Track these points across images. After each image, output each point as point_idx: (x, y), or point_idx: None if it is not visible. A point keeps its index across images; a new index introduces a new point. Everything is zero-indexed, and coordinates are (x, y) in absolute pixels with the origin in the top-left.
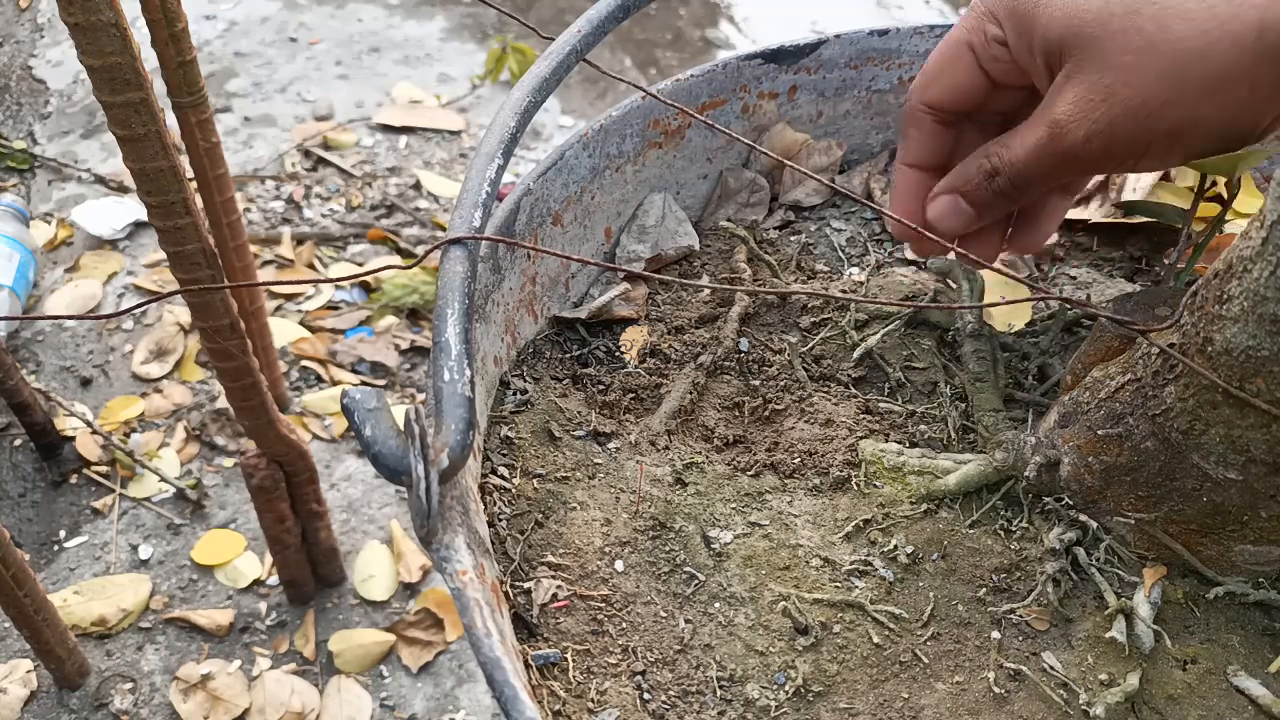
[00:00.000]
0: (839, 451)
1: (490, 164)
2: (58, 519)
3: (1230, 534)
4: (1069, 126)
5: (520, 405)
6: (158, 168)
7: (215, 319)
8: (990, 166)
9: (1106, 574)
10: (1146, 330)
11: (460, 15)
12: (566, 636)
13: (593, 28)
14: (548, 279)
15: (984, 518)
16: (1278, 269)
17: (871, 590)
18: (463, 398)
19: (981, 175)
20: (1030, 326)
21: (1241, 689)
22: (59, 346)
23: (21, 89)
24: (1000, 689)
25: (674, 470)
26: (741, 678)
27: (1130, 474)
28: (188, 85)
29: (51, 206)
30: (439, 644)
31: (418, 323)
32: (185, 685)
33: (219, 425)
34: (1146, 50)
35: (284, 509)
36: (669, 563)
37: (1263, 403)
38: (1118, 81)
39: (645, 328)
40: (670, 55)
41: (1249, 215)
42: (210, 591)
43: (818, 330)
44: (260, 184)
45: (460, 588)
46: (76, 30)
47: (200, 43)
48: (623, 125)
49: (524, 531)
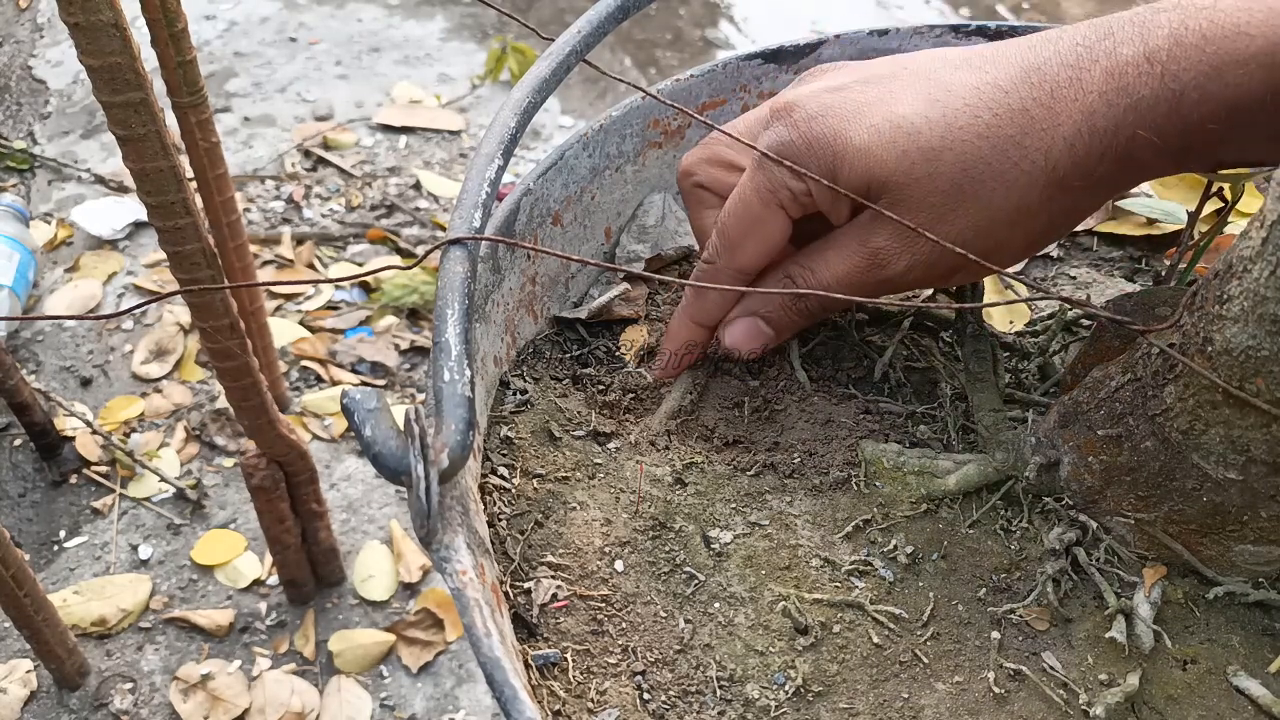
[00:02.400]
0: (839, 451)
1: (490, 164)
2: (58, 519)
3: (1230, 534)
4: (890, 257)
5: (520, 405)
6: (158, 168)
7: (215, 319)
8: (794, 287)
9: (1106, 574)
10: (1146, 330)
11: (460, 15)
12: (566, 636)
13: (593, 28)
14: (548, 279)
15: (984, 518)
16: (1278, 269)
17: (871, 590)
18: (463, 398)
19: (786, 297)
20: (1030, 326)
21: (1241, 689)
22: (59, 346)
23: (21, 89)
24: (1000, 689)
25: (674, 470)
26: (741, 678)
27: (1130, 474)
28: (188, 85)
29: (51, 206)
30: (439, 644)
31: (418, 323)
32: (185, 685)
33: (219, 425)
34: (953, 194)
35: (284, 509)
36: (669, 563)
37: (1263, 403)
38: (931, 220)
39: (645, 328)
40: (670, 55)
41: (1250, 215)
42: (210, 591)
43: (818, 330)
44: (260, 184)
45: (460, 588)
46: (76, 30)
47: (200, 43)
48: (623, 125)
49: (524, 531)
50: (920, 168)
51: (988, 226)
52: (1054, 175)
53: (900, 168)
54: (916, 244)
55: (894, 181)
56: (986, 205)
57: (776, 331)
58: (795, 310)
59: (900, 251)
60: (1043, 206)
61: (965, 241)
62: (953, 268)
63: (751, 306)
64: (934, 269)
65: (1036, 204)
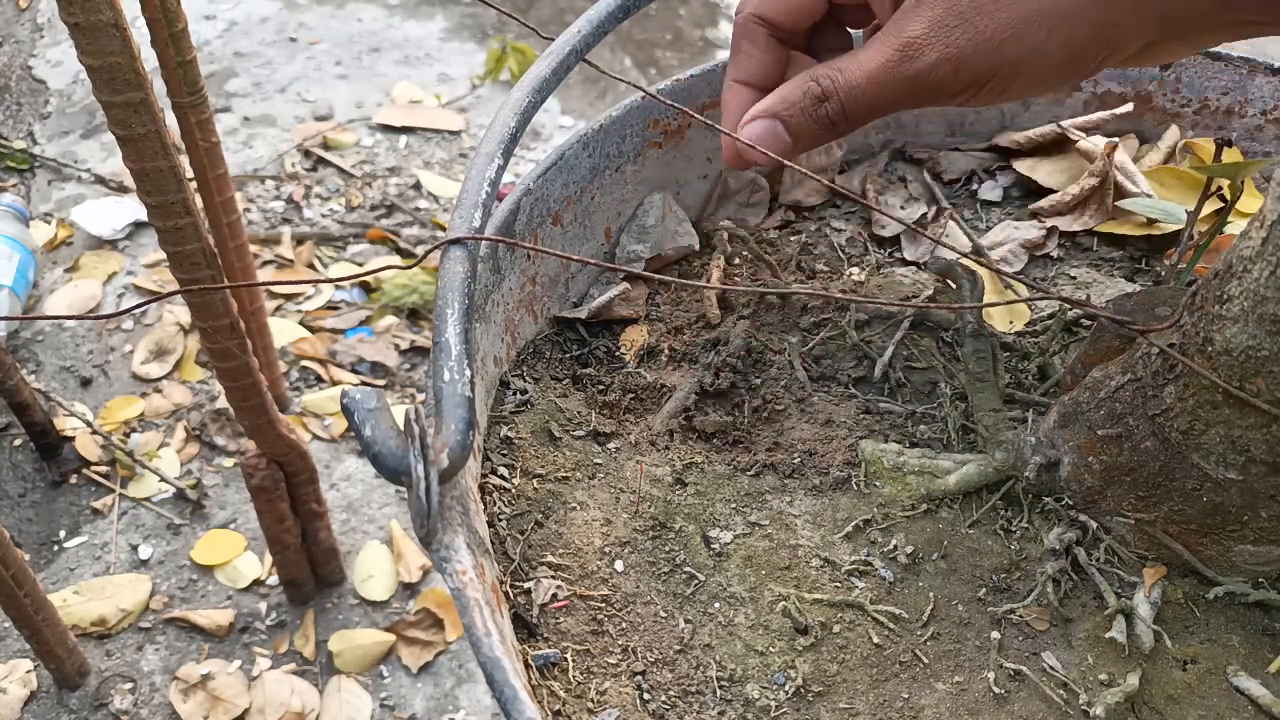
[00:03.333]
0: (839, 451)
1: (490, 164)
2: (58, 519)
3: (1230, 534)
4: (922, 48)
5: (520, 405)
6: (158, 168)
7: (215, 319)
8: (819, 90)
9: (1106, 574)
10: (1146, 330)
11: (460, 15)
12: (566, 636)
13: (593, 28)
14: (548, 279)
15: (984, 518)
16: (1278, 269)
17: (871, 590)
18: (463, 398)
19: (808, 100)
20: (1030, 326)
21: (1241, 689)
22: (59, 346)
23: (21, 89)
24: (1000, 689)
25: (674, 470)
26: (741, 678)
27: (1130, 474)
28: (188, 85)
29: (51, 206)
30: (439, 644)
31: (418, 323)
32: (185, 685)
33: (219, 425)
34: None
35: (284, 509)
36: (669, 563)
37: (1263, 403)
38: (971, 8)
39: (645, 328)
40: (670, 55)
41: (1250, 215)
42: (210, 591)
43: (818, 330)
44: (260, 184)
45: (460, 588)
46: (76, 30)
47: (200, 43)
48: (623, 125)
49: (524, 531)
50: None
51: (1027, 24)
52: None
53: None
54: (952, 34)
55: None
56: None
57: (794, 138)
58: (815, 117)
59: (934, 42)
60: (1087, 11)
61: (1001, 40)
62: (980, 70)
63: (772, 106)
64: (963, 67)
65: (1079, 9)
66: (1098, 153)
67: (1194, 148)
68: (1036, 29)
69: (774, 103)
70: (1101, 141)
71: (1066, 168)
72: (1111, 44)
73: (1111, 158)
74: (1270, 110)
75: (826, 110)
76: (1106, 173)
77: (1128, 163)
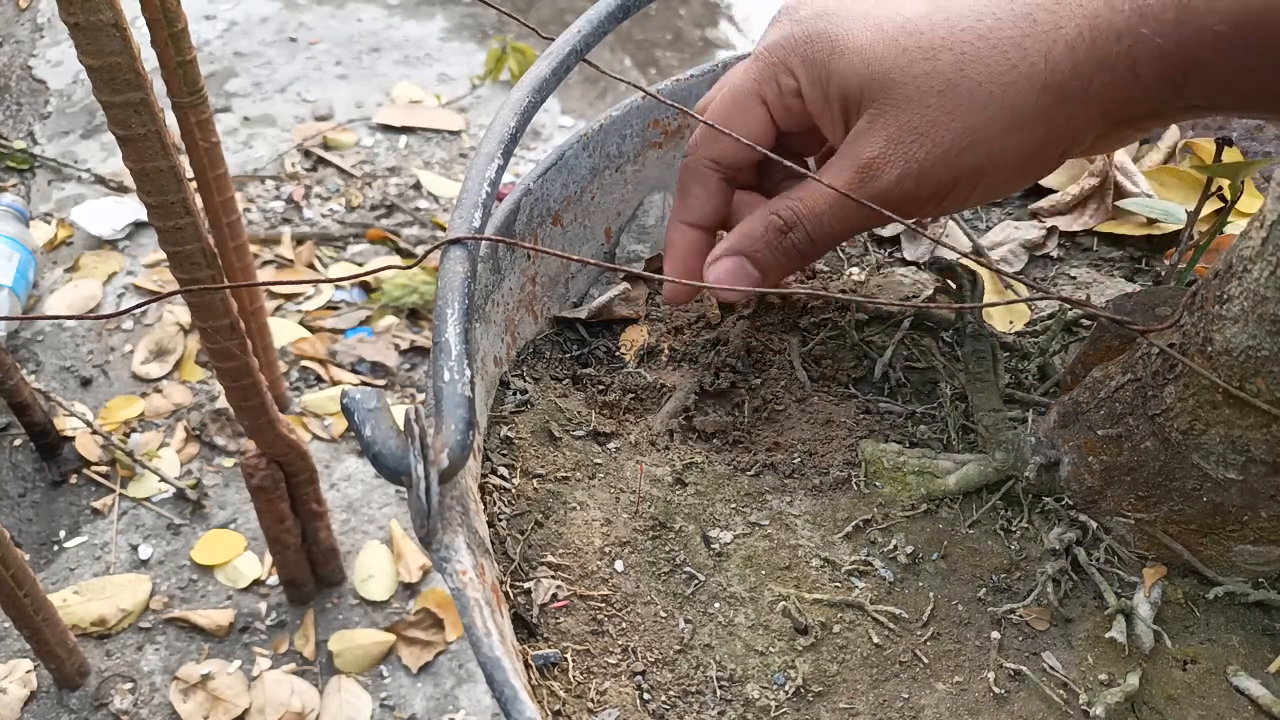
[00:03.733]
0: (839, 451)
1: (490, 164)
2: (58, 519)
3: (1230, 534)
4: (882, 166)
5: (520, 405)
6: (158, 168)
7: (215, 319)
8: (782, 222)
9: (1106, 574)
10: (1146, 330)
11: (460, 15)
12: (566, 636)
13: (593, 28)
14: (548, 279)
15: (984, 518)
16: (1278, 269)
17: (871, 590)
18: (463, 398)
19: (772, 233)
20: (1030, 326)
21: (1241, 689)
22: (59, 346)
23: (21, 89)
24: (1000, 689)
25: (674, 470)
26: (741, 678)
27: (1130, 474)
28: (188, 85)
29: (51, 206)
30: (439, 644)
31: (418, 323)
32: (185, 685)
33: (219, 425)
34: (948, 93)
35: (284, 509)
36: (669, 563)
37: (1263, 403)
38: (925, 122)
39: (645, 328)
40: (670, 55)
41: (1250, 215)
42: (210, 591)
43: (818, 330)
44: (260, 184)
45: (460, 588)
46: (76, 30)
47: (200, 43)
48: (622, 125)
49: (524, 531)
50: (918, 65)
51: (982, 132)
52: (1052, 79)
53: (898, 64)
54: (910, 150)
55: (890, 79)
56: (982, 108)
57: (763, 272)
58: (781, 248)
59: (892, 159)
60: (1039, 116)
61: (959, 150)
62: (942, 181)
63: (736, 245)
64: (925, 180)
65: (1032, 111)
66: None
67: (1194, 147)
68: (992, 136)
69: (737, 240)
70: None
71: (1066, 167)
72: (1064, 141)
73: (1111, 158)
74: None
75: (792, 240)
76: (1106, 173)
77: (1128, 163)
